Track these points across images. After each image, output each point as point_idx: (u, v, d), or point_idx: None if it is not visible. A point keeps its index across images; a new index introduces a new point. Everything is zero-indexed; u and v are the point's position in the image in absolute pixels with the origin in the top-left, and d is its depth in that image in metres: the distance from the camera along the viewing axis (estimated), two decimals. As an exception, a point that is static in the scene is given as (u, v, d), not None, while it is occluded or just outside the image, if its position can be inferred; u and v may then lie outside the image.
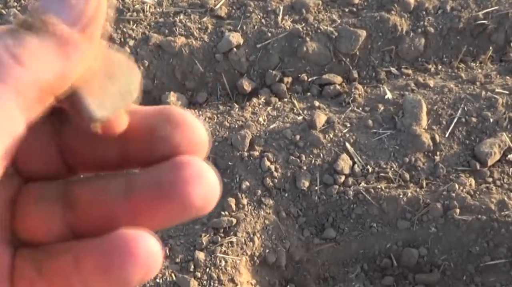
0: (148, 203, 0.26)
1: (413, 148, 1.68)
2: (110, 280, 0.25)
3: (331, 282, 1.60)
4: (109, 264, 0.25)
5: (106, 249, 0.25)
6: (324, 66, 1.91)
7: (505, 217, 1.54)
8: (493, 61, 1.94)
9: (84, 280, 0.26)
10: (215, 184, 0.26)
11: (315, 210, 1.62)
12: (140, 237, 0.25)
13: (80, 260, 0.26)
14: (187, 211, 0.26)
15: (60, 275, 0.26)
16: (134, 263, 0.25)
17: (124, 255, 0.25)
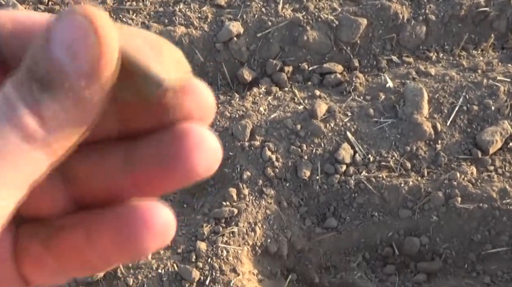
0: (150, 175, 0.26)
1: (415, 136, 1.68)
2: (127, 252, 0.26)
3: (332, 271, 1.60)
4: (126, 237, 0.25)
5: (121, 222, 0.26)
6: (325, 55, 1.90)
7: (507, 205, 1.54)
8: (495, 48, 1.93)
9: (99, 253, 0.26)
10: (217, 149, 0.26)
11: (316, 199, 1.62)
12: (154, 208, 0.26)
13: (93, 234, 0.26)
14: (190, 179, 0.26)
15: (72, 250, 0.26)
16: (152, 234, 0.25)
17: (141, 227, 0.25)
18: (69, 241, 0.27)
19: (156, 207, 0.26)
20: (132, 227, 0.25)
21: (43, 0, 1.94)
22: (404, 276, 1.58)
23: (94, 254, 0.26)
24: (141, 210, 0.26)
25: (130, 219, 0.25)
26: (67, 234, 0.27)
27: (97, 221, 0.26)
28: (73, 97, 0.23)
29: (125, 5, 1.94)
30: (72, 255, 0.27)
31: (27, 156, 0.23)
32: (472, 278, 1.53)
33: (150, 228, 0.25)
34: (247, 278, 1.48)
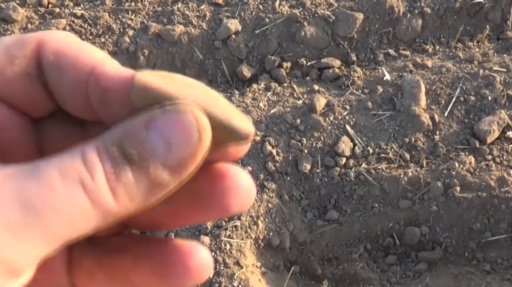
0: (189, 211, 0.28)
1: (413, 128, 1.70)
2: (166, 284, 0.28)
3: (335, 262, 1.62)
4: (165, 273, 0.27)
5: (163, 258, 0.28)
6: (323, 50, 1.92)
7: (505, 193, 1.56)
8: (490, 39, 1.95)
9: (142, 278, 0.28)
10: (251, 189, 0.28)
11: (317, 192, 1.64)
12: (194, 250, 0.27)
13: (139, 262, 0.28)
14: (224, 216, 0.28)
15: (120, 271, 0.29)
16: (188, 275, 0.27)
17: (180, 267, 0.27)
18: (118, 262, 0.29)
19: (197, 248, 0.28)
20: (171, 266, 0.27)
21: (43, 3, 1.97)
22: (405, 266, 1.60)
23: (138, 278, 0.28)
24: (182, 251, 0.27)
25: (170, 257, 0.27)
26: (117, 255, 0.29)
27: (143, 251, 0.28)
28: (151, 179, 0.25)
29: (124, 5, 1.97)
30: (120, 274, 0.29)
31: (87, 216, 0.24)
32: (473, 266, 1.55)
33: (187, 269, 0.27)
34: (250, 270, 1.50)
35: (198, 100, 0.26)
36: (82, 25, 1.90)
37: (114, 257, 0.29)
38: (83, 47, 0.28)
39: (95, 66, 0.27)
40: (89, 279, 0.29)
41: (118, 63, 0.28)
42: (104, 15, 1.92)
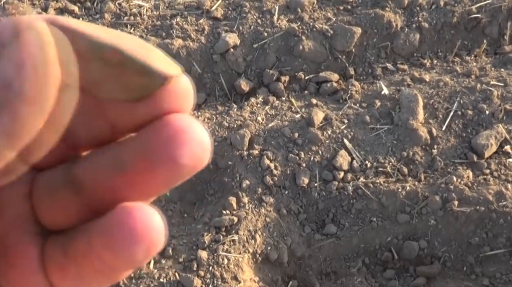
0: (141, 174, 0.26)
1: (411, 142, 1.70)
2: (119, 258, 0.25)
3: (333, 277, 1.62)
4: (114, 243, 0.25)
5: (109, 228, 0.25)
6: (321, 64, 1.93)
7: (503, 208, 1.56)
8: (488, 54, 1.96)
9: (101, 257, 0.26)
10: (203, 138, 0.25)
11: (315, 206, 1.64)
12: (138, 211, 0.25)
13: (92, 240, 0.26)
14: (180, 174, 0.26)
15: (82, 256, 0.27)
16: (136, 240, 0.25)
17: (125, 232, 0.25)
18: (78, 247, 0.27)
19: (141, 210, 0.25)
20: (117, 233, 0.25)
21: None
22: (404, 280, 1.60)
23: (98, 261, 0.26)
24: (126, 214, 0.25)
25: (115, 224, 0.25)
26: (76, 241, 0.27)
27: (95, 227, 0.26)
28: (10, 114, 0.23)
29: (123, 19, 1.97)
30: (84, 262, 0.27)
31: None
32: (471, 281, 1.55)
33: (133, 233, 0.25)
34: (248, 285, 1.49)
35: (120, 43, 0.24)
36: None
37: (74, 243, 0.27)
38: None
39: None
40: (62, 275, 0.27)
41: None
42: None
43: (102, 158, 0.28)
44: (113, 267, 0.26)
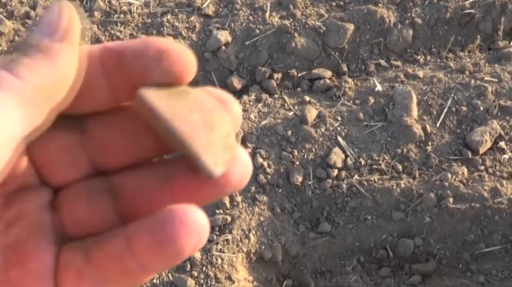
0: (189, 187, 0.29)
1: (405, 139, 1.68)
2: (165, 254, 0.27)
3: (328, 275, 1.60)
4: (165, 237, 0.26)
5: (160, 225, 0.27)
6: (313, 61, 1.91)
7: (498, 204, 1.55)
8: (481, 49, 1.95)
9: (139, 257, 0.27)
10: (248, 162, 0.29)
11: (309, 204, 1.63)
12: (190, 210, 0.27)
13: (133, 240, 0.27)
14: (225, 190, 0.29)
15: (112, 259, 0.28)
16: (188, 233, 0.26)
17: (177, 226, 0.26)
18: (109, 249, 0.28)
19: (191, 208, 0.27)
20: (169, 227, 0.26)
21: (31, 15, 1.95)
22: (399, 278, 1.58)
23: (134, 261, 0.27)
24: (177, 211, 0.27)
25: (167, 220, 0.27)
26: (107, 243, 0.28)
27: (137, 228, 0.28)
28: (42, 52, 0.27)
29: (112, 17, 1.95)
30: (112, 264, 0.28)
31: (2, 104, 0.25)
32: (467, 278, 1.54)
33: (186, 226, 0.26)
34: (242, 285, 1.48)
35: (188, 125, 0.28)
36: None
37: (104, 246, 0.28)
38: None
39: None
40: (77, 282, 0.28)
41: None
42: (93, 27, 1.90)
43: (148, 171, 0.30)
44: (148, 267, 0.27)
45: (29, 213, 0.29)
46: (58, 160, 0.30)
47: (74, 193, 0.30)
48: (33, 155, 0.30)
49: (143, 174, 0.30)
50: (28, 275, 0.28)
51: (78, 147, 0.30)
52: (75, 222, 0.30)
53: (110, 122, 0.30)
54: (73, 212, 0.30)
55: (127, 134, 0.30)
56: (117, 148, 0.30)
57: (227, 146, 0.28)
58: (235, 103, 0.30)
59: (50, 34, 0.27)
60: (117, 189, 0.30)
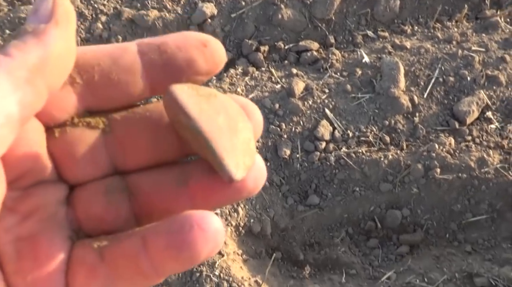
0: (205, 189, 0.29)
1: (392, 110, 1.68)
2: (181, 257, 0.27)
3: (317, 247, 1.61)
4: (181, 241, 0.27)
5: (177, 228, 0.27)
6: (300, 33, 1.89)
7: (485, 174, 1.56)
8: (469, 19, 1.94)
9: (154, 259, 0.27)
10: (263, 168, 0.30)
11: (297, 177, 1.63)
12: (207, 215, 0.27)
13: (149, 241, 0.28)
14: (241, 195, 0.30)
15: (126, 257, 0.28)
16: (205, 239, 0.27)
17: (194, 231, 0.27)
18: (124, 248, 0.28)
19: (209, 214, 0.27)
20: (187, 230, 0.27)
21: None
22: (387, 249, 1.60)
23: (148, 262, 0.27)
24: (195, 216, 0.27)
25: (184, 224, 0.27)
26: (123, 242, 0.28)
27: (154, 229, 0.28)
28: (31, 33, 0.28)
29: (96, -10, 1.91)
30: (126, 262, 0.28)
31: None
32: (454, 247, 1.56)
33: (203, 231, 0.27)
34: (232, 258, 1.48)
35: (214, 126, 0.29)
36: (53, 11, 1.85)
37: (120, 245, 0.28)
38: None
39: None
40: (89, 278, 0.28)
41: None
42: (75, 0, 1.86)
43: (165, 172, 0.31)
44: (162, 269, 0.28)
45: (44, 207, 0.29)
46: (78, 157, 0.30)
47: (91, 190, 0.30)
48: (53, 150, 0.30)
49: (161, 175, 0.30)
50: (39, 267, 0.28)
51: (100, 145, 0.30)
52: (90, 218, 0.30)
53: (135, 121, 0.31)
54: (89, 209, 0.30)
55: (151, 134, 0.30)
56: (139, 148, 0.30)
57: (248, 152, 0.29)
58: (257, 112, 0.31)
59: (40, 19, 0.28)
60: (134, 188, 0.30)
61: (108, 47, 0.30)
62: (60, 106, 0.30)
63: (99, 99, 0.30)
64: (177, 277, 1.44)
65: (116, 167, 0.31)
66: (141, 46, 0.30)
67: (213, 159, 0.29)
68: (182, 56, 0.30)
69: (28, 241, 0.28)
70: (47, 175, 0.30)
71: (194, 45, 0.30)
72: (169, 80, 0.30)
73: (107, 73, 0.30)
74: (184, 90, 0.29)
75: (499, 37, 1.81)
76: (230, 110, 0.30)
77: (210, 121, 0.29)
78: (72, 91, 0.30)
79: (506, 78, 1.71)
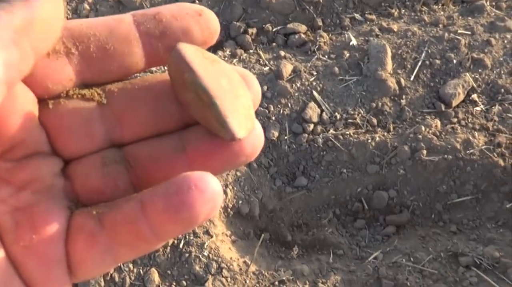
0: (204, 153, 0.29)
1: (380, 93, 1.70)
2: (179, 218, 0.27)
3: (304, 228, 1.63)
4: (180, 201, 0.26)
5: (175, 189, 0.27)
6: (288, 15, 1.89)
7: (470, 155, 1.58)
8: (455, 2, 1.95)
9: (153, 222, 0.27)
10: (261, 132, 0.30)
11: (285, 159, 1.64)
12: (205, 176, 0.27)
13: (147, 204, 0.27)
14: (239, 159, 0.29)
15: (125, 222, 0.28)
16: (204, 199, 0.27)
17: (192, 191, 0.27)
18: (123, 213, 0.28)
19: (207, 175, 0.27)
20: (185, 191, 0.26)
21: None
22: (374, 230, 1.62)
23: (147, 225, 0.27)
24: (193, 177, 0.27)
25: (182, 185, 0.27)
26: (121, 207, 0.28)
27: (152, 192, 0.28)
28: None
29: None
30: (125, 227, 0.28)
31: None
32: (439, 228, 1.58)
33: (201, 192, 0.26)
34: (220, 239, 1.49)
35: (218, 86, 0.29)
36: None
37: (118, 210, 0.28)
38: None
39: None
40: (88, 246, 0.28)
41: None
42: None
43: (163, 140, 0.30)
44: (161, 232, 0.27)
45: (40, 179, 0.29)
46: (73, 129, 0.30)
47: (88, 163, 0.30)
48: (47, 122, 0.29)
49: (158, 143, 0.30)
50: (38, 236, 0.28)
51: (96, 118, 0.30)
52: (88, 191, 0.30)
53: (132, 92, 0.30)
54: (86, 181, 0.30)
55: (149, 105, 0.30)
56: (137, 119, 0.30)
57: (248, 116, 0.30)
58: (256, 82, 0.31)
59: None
60: (131, 158, 0.30)
61: (103, 18, 0.30)
62: (55, 77, 0.29)
63: (95, 70, 0.30)
64: (166, 257, 1.45)
65: (112, 140, 0.31)
66: (136, 16, 0.30)
67: (215, 118, 0.29)
68: (177, 25, 0.30)
69: (26, 211, 0.28)
70: (41, 146, 0.29)
71: (189, 14, 0.30)
72: (165, 49, 0.30)
73: (103, 44, 0.29)
74: (191, 50, 0.30)
75: (485, 20, 1.83)
76: (232, 76, 0.30)
77: (215, 81, 0.29)
78: (68, 62, 0.29)
79: (492, 61, 1.73)
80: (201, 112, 0.29)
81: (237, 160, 0.30)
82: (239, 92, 0.30)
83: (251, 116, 0.30)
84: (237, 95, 0.30)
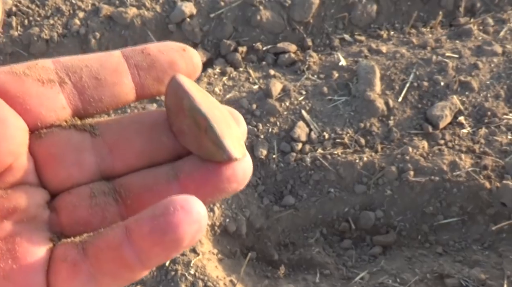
0: (197, 180, 0.30)
1: (368, 113, 1.71)
2: (165, 241, 0.26)
3: (291, 248, 1.63)
4: (165, 223, 0.26)
5: (160, 212, 0.27)
6: (278, 35, 1.91)
7: (457, 177, 1.59)
8: (443, 26, 1.98)
9: (138, 247, 0.27)
10: (250, 161, 0.31)
11: (273, 178, 1.64)
12: (190, 199, 0.27)
13: (133, 229, 0.27)
14: (231, 185, 0.30)
15: (109, 249, 0.27)
16: (189, 220, 0.27)
17: (179, 213, 0.26)
18: (107, 240, 0.27)
19: (191, 197, 0.27)
20: (171, 213, 0.26)
21: None
22: (360, 250, 1.62)
23: (132, 251, 0.27)
24: (178, 199, 0.27)
25: (168, 207, 0.27)
26: (105, 234, 0.28)
27: (137, 218, 0.27)
28: None
29: (74, -14, 1.90)
30: (109, 255, 0.27)
31: None
32: (426, 249, 1.58)
33: (187, 213, 0.26)
34: (207, 257, 1.49)
35: (212, 114, 0.30)
36: (30, 6, 1.83)
37: (102, 238, 0.28)
38: None
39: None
40: (71, 275, 0.28)
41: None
42: (53, -4, 1.85)
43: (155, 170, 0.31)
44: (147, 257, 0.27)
45: (24, 209, 0.29)
46: (63, 159, 0.30)
47: (76, 193, 0.30)
48: (37, 152, 0.30)
49: (150, 173, 0.31)
50: (18, 267, 0.28)
51: (87, 148, 0.30)
52: (75, 221, 0.30)
53: (125, 124, 0.31)
54: (73, 212, 0.30)
55: (142, 137, 0.31)
56: (129, 149, 0.30)
57: (240, 144, 0.31)
58: (243, 120, 0.32)
59: None
60: (122, 189, 0.30)
61: (94, 53, 0.31)
62: (48, 104, 0.29)
63: (87, 99, 0.30)
64: (152, 275, 1.43)
65: (103, 171, 0.31)
66: (125, 51, 0.32)
67: (212, 141, 0.30)
68: (164, 58, 0.32)
69: (7, 240, 0.28)
70: (27, 177, 0.29)
71: (174, 49, 0.32)
72: (153, 80, 0.32)
73: (95, 74, 0.30)
74: (187, 80, 0.31)
75: (472, 44, 1.86)
76: (222, 109, 0.32)
77: (210, 109, 0.31)
78: (61, 91, 0.30)
79: (479, 84, 1.76)
80: (197, 138, 0.30)
81: (229, 185, 0.30)
82: (230, 123, 0.31)
83: (243, 145, 0.31)
84: (229, 125, 0.31)
